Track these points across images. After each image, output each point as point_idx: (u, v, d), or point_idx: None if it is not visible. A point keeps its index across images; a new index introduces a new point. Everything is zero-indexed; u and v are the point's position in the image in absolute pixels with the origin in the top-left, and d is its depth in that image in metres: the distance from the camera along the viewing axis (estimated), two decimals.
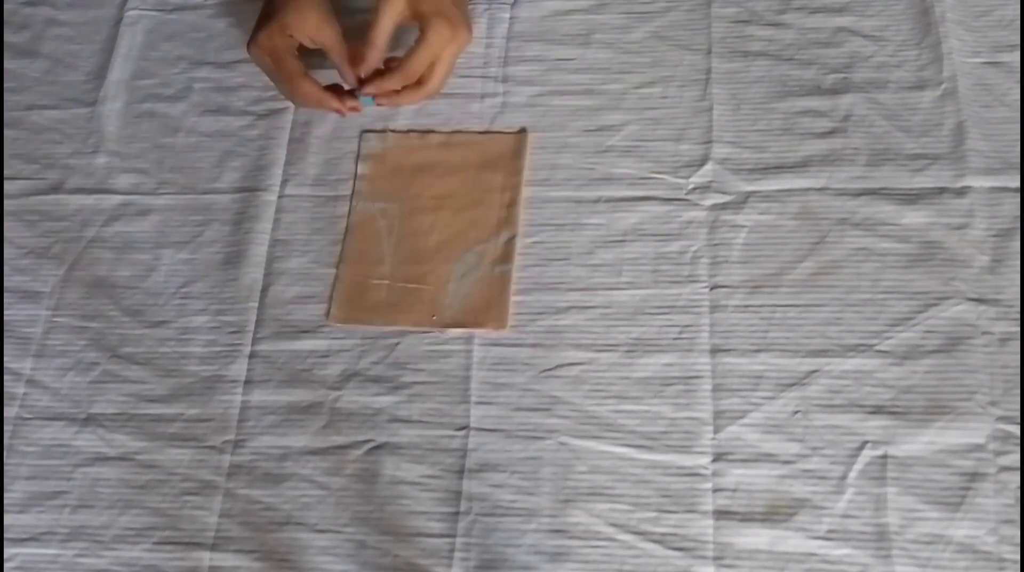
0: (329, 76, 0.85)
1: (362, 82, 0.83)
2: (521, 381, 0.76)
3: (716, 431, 0.72)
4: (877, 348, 0.73)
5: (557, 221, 0.81)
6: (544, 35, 0.89)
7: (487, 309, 0.78)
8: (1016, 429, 0.70)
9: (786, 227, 0.78)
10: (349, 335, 0.79)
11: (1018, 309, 0.73)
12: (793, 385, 0.73)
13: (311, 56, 0.85)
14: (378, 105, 0.85)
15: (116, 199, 0.87)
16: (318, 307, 0.80)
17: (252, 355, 0.79)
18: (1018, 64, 0.82)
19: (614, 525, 0.71)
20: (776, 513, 0.70)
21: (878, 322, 0.74)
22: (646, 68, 0.86)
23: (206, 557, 0.73)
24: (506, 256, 0.79)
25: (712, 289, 0.77)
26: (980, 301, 0.74)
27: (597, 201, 0.81)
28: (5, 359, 0.82)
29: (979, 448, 0.69)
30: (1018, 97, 0.81)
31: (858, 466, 0.70)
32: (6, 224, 0.87)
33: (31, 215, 0.88)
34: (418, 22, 0.81)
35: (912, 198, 0.78)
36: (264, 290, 0.82)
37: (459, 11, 0.82)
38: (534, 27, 0.90)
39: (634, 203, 0.80)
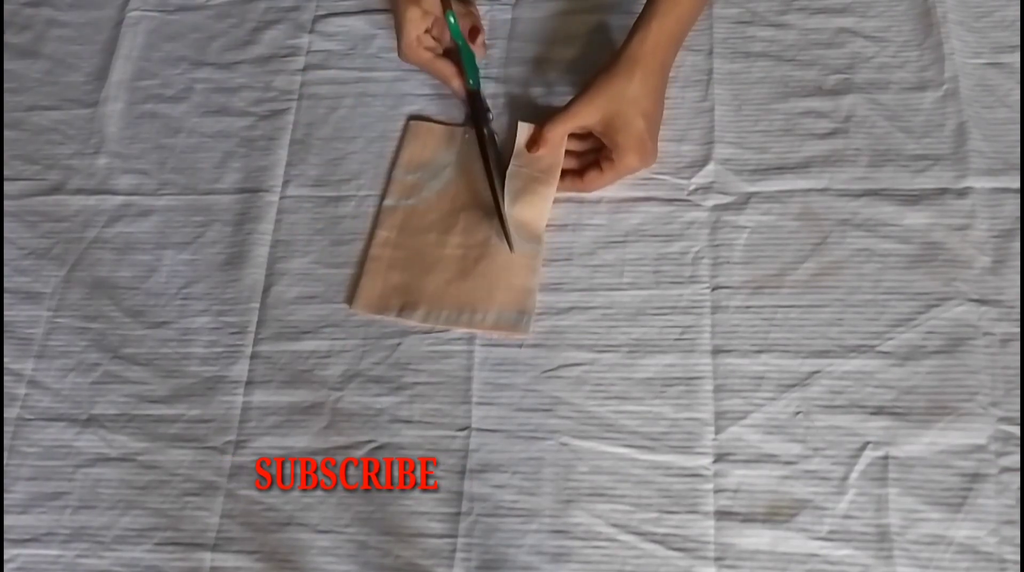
0: None
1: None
2: (522, 382, 0.76)
3: (717, 432, 0.72)
4: (878, 349, 0.73)
5: (559, 222, 0.81)
6: (545, 35, 0.89)
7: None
8: (1017, 430, 0.70)
9: (787, 228, 0.78)
10: (351, 336, 0.79)
11: (1019, 310, 0.73)
12: (794, 386, 0.73)
13: None
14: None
15: (117, 200, 0.87)
16: (320, 307, 0.80)
17: (253, 356, 0.79)
18: (1019, 65, 0.82)
19: (615, 526, 0.71)
20: (777, 514, 0.70)
21: (879, 323, 0.74)
22: None
23: (207, 558, 0.73)
24: None
25: (713, 290, 0.77)
26: (981, 302, 0.74)
27: (599, 201, 0.81)
28: (6, 360, 0.82)
29: (980, 449, 0.69)
30: (1019, 98, 0.81)
31: (859, 467, 0.70)
32: (7, 225, 0.87)
33: (32, 216, 0.88)
34: (607, 142, 0.79)
35: (913, 199, 0.78)
36: (266, 291, 0.82)
37: (652, 141, 0.79)
38: (535, 27, 0.90)
39: (636, 204, 0.80)
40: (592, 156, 0.80)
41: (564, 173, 0.80)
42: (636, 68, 0.77)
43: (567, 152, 0.81)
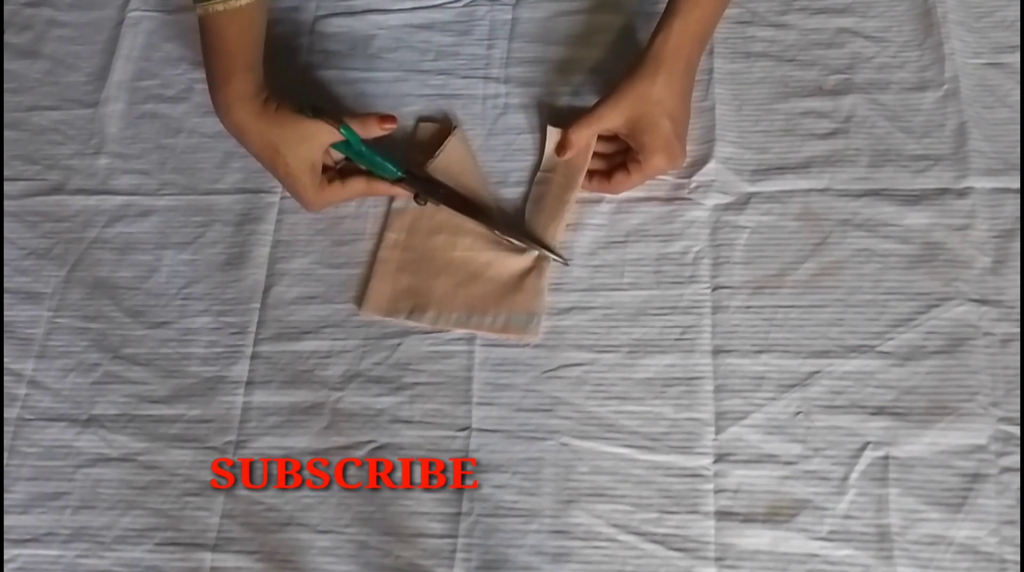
0: None
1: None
2: (523, 382, 0.76)
3: (718, 432, 0.72)
4: (879, 349, 0.73)
5: None
6: (546, 36, 0.89)
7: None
8: (1017, 430, 0.70)
9: (788, 228, 0.78)
10: (351, 336, 0.79)
11: (1019, 310, 0.73)
12: (795, 386, 0.73)
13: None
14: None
15: (118, 200, 0.87)
16: (320, 308, 0.80)
17: (254, 356, 0.79)
18: (1019, 65, 0.82)
19: (616, 526, 0.71)
20: (778, 514, 0.70)
21: (880, 323, 0.74)
22: None
23: (208, 558, 0.73)
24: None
25: (714, 290, 0.77)
26: (982, 302, 0.74)
27: (599, 201, 0.81)
28: (6, 360, 0.82)
29: (980, 449, 0.69)
30: (1019, 98, 0.81)
31: (860, 467, 0.70)
32: (7, 225, 0.87)
33: (32, 216, 0.88)
34: (633, 144, 0.78)
35: (914, 199, 0.78)
36: (266, 291, 0.82)
37: (679, 142, 0.78)
38: (536, 28, 0.90)
39: (636, 203, 0.80)
40: (620, 158, 0.80)
41: (592, 174, 0.80)
42: (660, 69, 0.76)
43: (595, 154, 0.81)
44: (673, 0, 0.78)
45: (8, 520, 0.76)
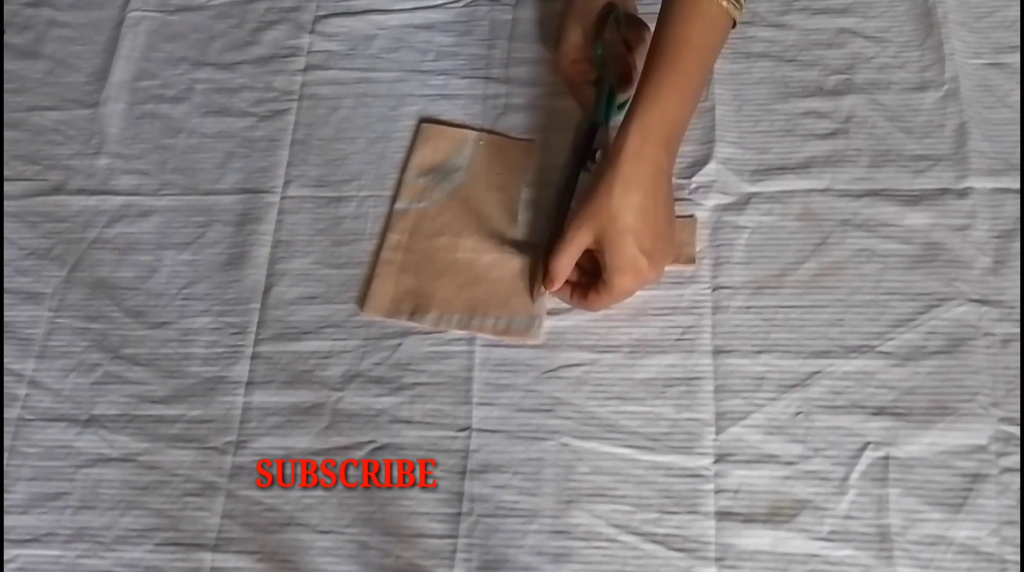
0: None
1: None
2: (523, 382, 0.76)
3: (718, 432, 0.72)
4: (879, 349, 0.73)
5: None
6: (546, 36, 0.89)
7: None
8: (1018, 430, 0.70)
9: (788, 228, 0.78)
10: (351, 336, 0.79)
11: (1020, 310, 0.73)
12: (795, 386, 0.73)
13: None
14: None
15: (118, 200, 0.87)
16: (321, 308, 0.80)
17: (254, 356, 0.79)
18: (1019, 65, 0.82)
19: (616, 526, 0.70)
20: (778, 514, 0.69)
21: (880, 323, 0.74)
22: None
23: (208, 558, 0.73)
24: None
25: (714, 290, 0.77)
26: (982, 302, 0.74)
27: None
28: (7, 360, 0.82)
29: (981, 449, 0.69)
30: (1020, 98, 0.81)
31: (860, 467, 0.70)
32: (8, 225, 0.87)
33: (33, 216, 0.88)
34: (601, 262, 0.73)
35: (914, 199, 0.78)
36: (266, 291, 0.82)
37: (646, 257, 0.72)
38: (537, 28, 0.90)
39: None
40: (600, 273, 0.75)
41: (572, 287, 0.76)
42: (615, 179, 0.71)
43: (576, 264, 0.75)
44: (635, 98, 0.73)
45: (8, 520, 0.76)
